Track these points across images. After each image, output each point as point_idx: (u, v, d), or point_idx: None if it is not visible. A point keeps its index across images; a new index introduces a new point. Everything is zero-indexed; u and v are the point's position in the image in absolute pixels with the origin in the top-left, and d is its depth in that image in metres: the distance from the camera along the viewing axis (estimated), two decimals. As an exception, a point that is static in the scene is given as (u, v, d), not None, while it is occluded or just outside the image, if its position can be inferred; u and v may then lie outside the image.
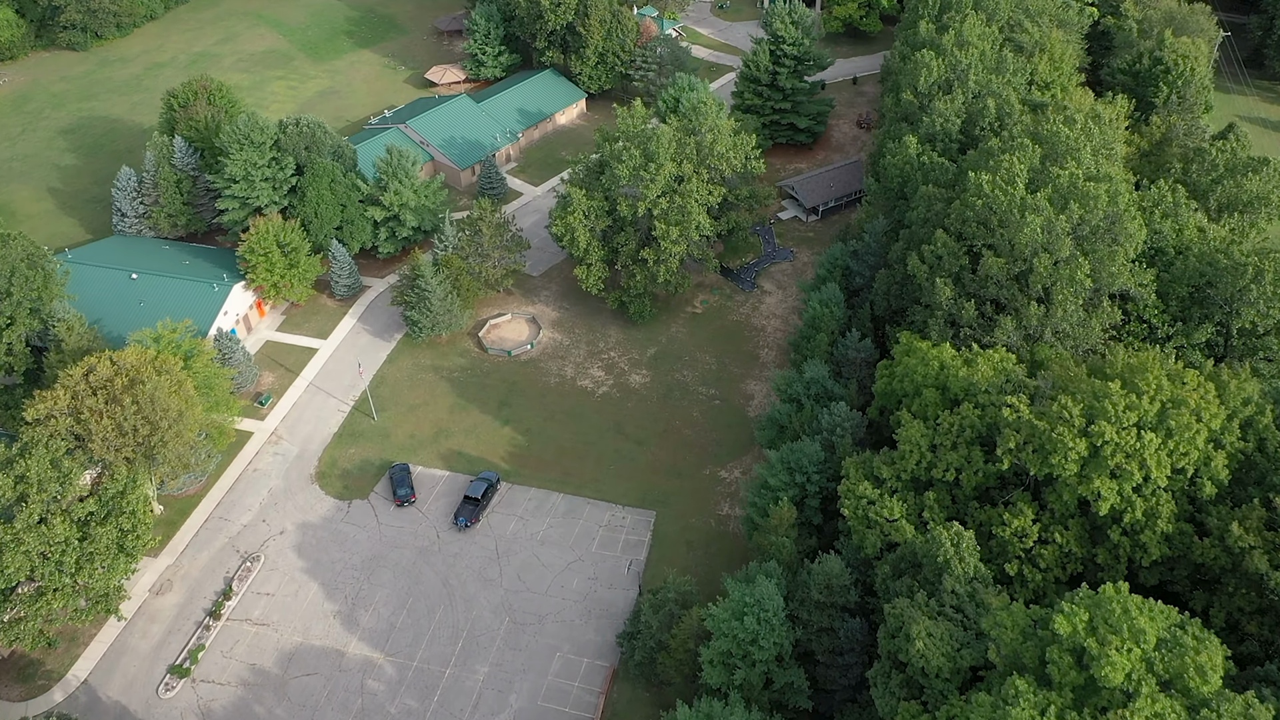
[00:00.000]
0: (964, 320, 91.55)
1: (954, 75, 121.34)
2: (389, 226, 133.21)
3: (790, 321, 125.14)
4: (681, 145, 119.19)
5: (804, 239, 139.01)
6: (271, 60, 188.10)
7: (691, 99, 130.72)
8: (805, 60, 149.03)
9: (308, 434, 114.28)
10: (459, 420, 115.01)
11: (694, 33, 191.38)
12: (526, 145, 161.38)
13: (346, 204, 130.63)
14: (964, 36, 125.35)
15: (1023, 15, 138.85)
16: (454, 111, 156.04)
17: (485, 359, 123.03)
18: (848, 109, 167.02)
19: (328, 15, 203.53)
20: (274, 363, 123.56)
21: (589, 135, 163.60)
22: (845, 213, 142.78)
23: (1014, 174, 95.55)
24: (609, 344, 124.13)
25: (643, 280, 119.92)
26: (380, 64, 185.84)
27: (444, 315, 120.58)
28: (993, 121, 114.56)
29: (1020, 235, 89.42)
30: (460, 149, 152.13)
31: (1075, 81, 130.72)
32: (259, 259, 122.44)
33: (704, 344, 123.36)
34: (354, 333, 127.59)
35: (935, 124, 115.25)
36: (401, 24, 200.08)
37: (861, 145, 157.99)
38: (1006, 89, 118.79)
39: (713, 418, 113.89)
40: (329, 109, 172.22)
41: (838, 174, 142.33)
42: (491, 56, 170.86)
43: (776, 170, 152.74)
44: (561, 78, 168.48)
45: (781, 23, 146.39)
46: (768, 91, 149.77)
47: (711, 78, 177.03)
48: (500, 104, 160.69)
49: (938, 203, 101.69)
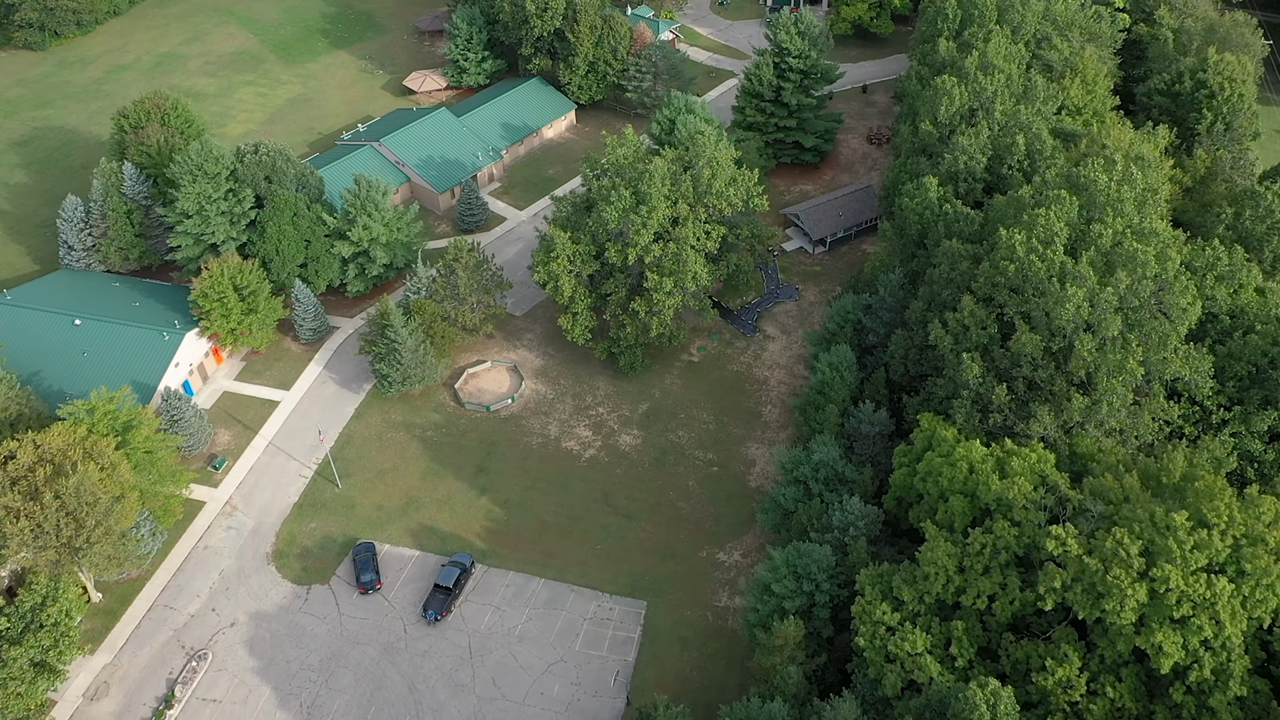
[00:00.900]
0: (994, 405, 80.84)
1: (978, 104, 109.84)
2: (358, 263, 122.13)
3: (795, 373, 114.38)
4: (676, 182, 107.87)
5: (810, 274, 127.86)
6: (241, 63, 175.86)
7: (688, 124, 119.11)
8: (812, 74, 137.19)
9: (265, 504, 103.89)
10: (431, 488, 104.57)
11: (692, 33, 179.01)
12: (511, 162, 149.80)
13: (311, 239, 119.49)
14: (988, 58, 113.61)
15: (1051, 28, 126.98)
16: (432, 127, 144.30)
17: (462, 414, 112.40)
18: (857, 121, 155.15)
19: (302, 12, 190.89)
20: (231, 418, 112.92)
21: (579, 150, 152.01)
22: (855, 243, 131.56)
23: (1051, 233, 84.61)
24: (597, 397, 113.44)
25: (633, 332, 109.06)
26: (356, 67, 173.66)
27: (416, 368, 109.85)
28: (1021, 159, 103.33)
29: (1061, 311, 78.57)
30: (438, 170, 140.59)
31: (1109, 105, 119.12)
32: (213, 305, 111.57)
33: (701, 398, 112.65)
34: (319, 382, 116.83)
35: (958, 161, 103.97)
36: (380, 21, 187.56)
37: (873, 163, 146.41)
38: (1036, 119, 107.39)
39: (710, 488, 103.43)
40: (300, 119, 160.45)
41: (847, 201, 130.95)
42: (474, 63, 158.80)
43: (780, 193, 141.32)
44: (549, 87, 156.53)
45: (786, 34, 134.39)
46: (771, 108, 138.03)
47: (710, 85, 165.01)
48: (482, 118, 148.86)
49: (963, 260, 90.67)
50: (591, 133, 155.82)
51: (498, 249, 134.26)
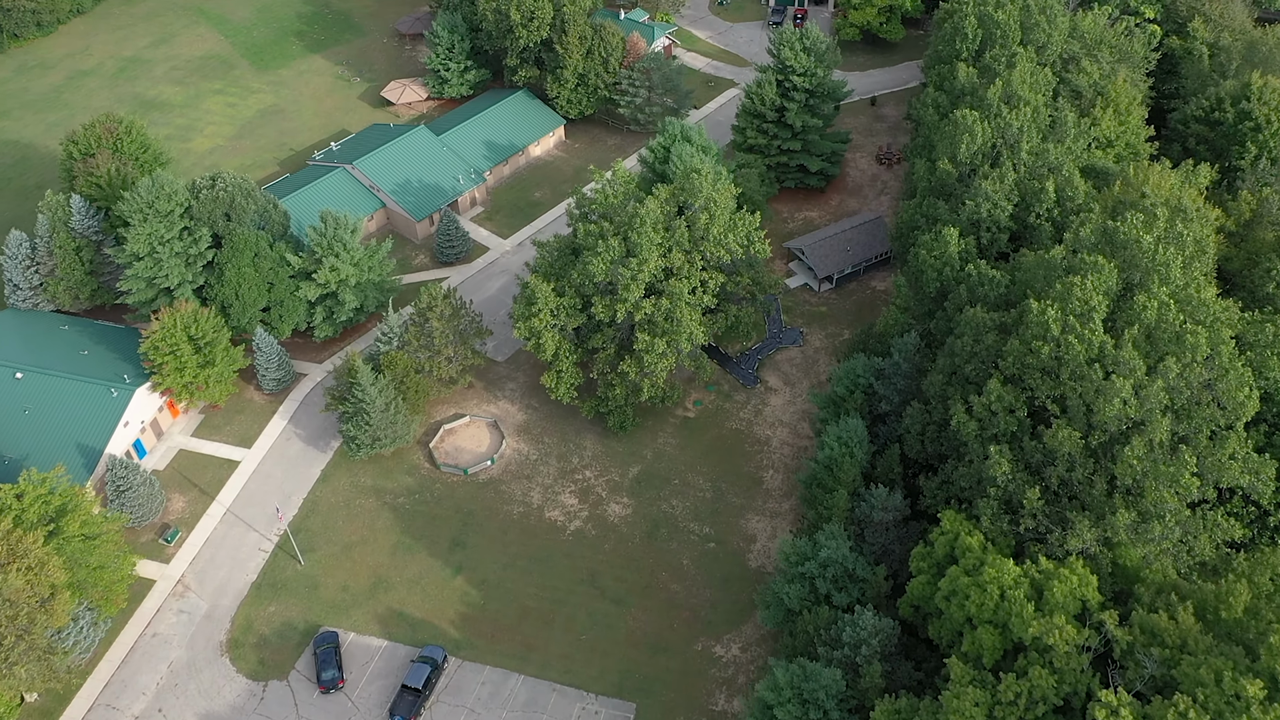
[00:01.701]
0: (1026, 509, 71.75)
1: (1002, 141, 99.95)
2: (326, 306, 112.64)
3: (799, 431, 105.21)
4: (670, 227, 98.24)
5: (815, 315, 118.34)
6: (210, 68, 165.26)
7: (684, 156, 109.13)
8: (819, 93, 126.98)
9: (220, 583, 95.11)
10: (402, 566, 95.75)
11: (689, 37, 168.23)
12: (495, 184, 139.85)
13: (274, 282, 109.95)
14: (1012, 87, 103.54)
15: (1078, 47, 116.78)
16: (409, 148, 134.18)
17: (437, 478, 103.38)
18: (865, 138, 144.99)
19: (276, 11, 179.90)
20: (186, 481, 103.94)
21: (567, 170, 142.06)
22: (864, 280, 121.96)
23: (1088, 307, 75.20)
24: (584, 459, 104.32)
25: (623, 393, 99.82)
26: (332, 74, 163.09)
27: (386, 429, 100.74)
28: (1050, 207, 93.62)
29: (1104, 408, 69.33)
30: (416, 195, 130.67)
31: (1144, 137, 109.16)
32: (165, 358, 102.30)
33: (696, 460, 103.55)
34: (284, 439, 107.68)
35: (980, 209, 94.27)
36: (359, 23, 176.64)
37: (882, 186, 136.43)
38: (1065, 158, 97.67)
39: (706, 567, 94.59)
40: (270, 133, 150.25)
41: (855, 234, 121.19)
42: (456, 73, 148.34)
43: (783, 220, 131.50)
44: (536, 101, 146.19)
45: (790, 50, 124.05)
46: (774, 129, 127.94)
47: (709, 95, 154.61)
48: (464, 136, 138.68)
49: (988, 333, 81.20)
50: (582, 150, 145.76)
51: (479, 284, 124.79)
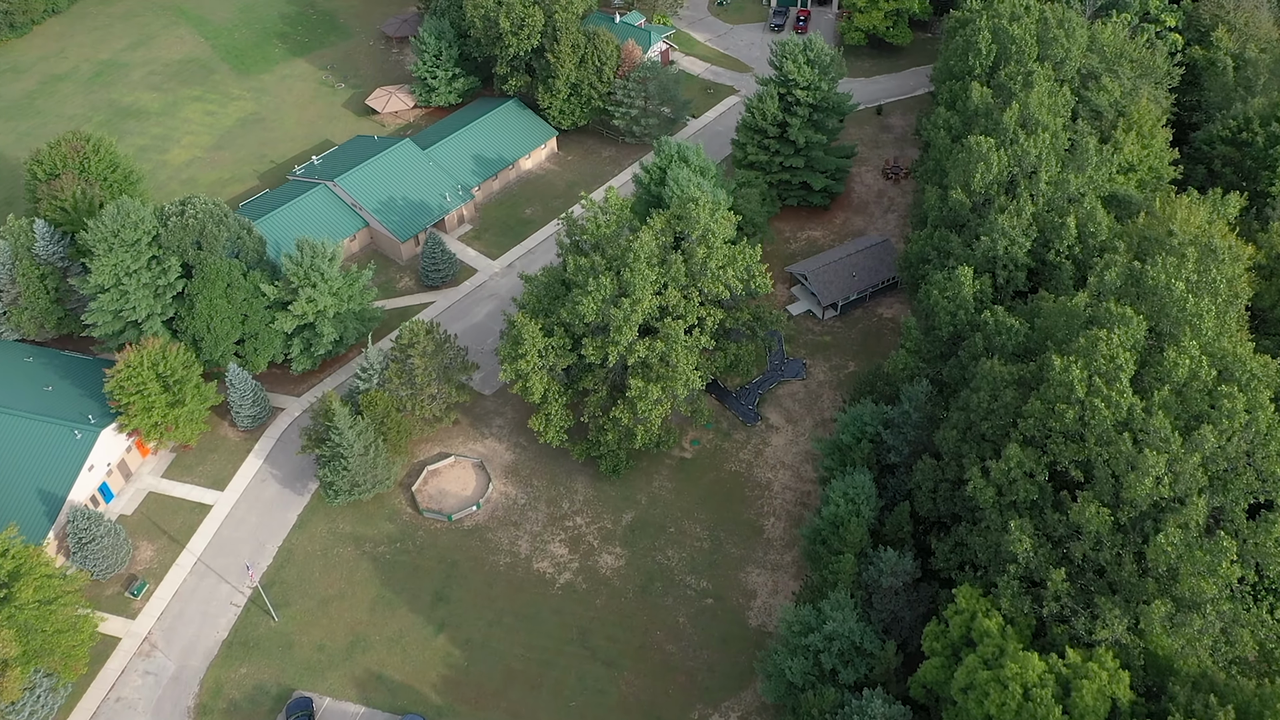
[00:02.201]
0: (1050, 591, 66.31)
1: (1019, 169, 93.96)
2: (304, 338, 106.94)
3: (802, 474, 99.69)
4: (666, 262, 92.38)
5: (819, 345, 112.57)
6: (189, 73, 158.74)
7: (680, 179, 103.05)
8: (823, 108, 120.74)
9: (189, 641, 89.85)
10: (382, 623, 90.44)
11: (688, 40, 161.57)
12: (484, 200, 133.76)
13: (249, 314, 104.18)
14: (1030, 110, 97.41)
15: (1098, 62, 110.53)
16: (393, 164, 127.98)
17: (420, 524, 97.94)
18: (871, 150, 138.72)
19: (259, 12, 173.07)
20: (155, 527, 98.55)
21: (560, 184, 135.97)
22: (871, 306, 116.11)
23: (1114, 366, 69.58)
24: (575, 503, 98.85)
25: (615, 438, 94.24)
26: (316, 79, 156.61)
27: (366, 474, 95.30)
28: (1071, 244, 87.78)
29: (1136, 486, 63.80)
30: (400, 214, 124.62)
31: (1167, 160, 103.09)
32: (132, 398, 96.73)
33: (694, 506, 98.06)
34: (259, 480, 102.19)
35: (997, 245, 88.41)
36: (344, 24, 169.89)
37: (889, 203, 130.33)
38: (1086, 188, 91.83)
39: (704, 626, 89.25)
40: (251, 143, 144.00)
41: (861, 259, 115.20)
42: (444, 82, 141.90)
43: (786, 240, 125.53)
44: (527, 111, 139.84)
45: (794, 63, 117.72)
46: (775, 145, 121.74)
47: (708, 103, 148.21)
48: (451, 150, 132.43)
49: (1007, 389, 75.52)
50: (575, 162, 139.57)
51: (466, 309, 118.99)
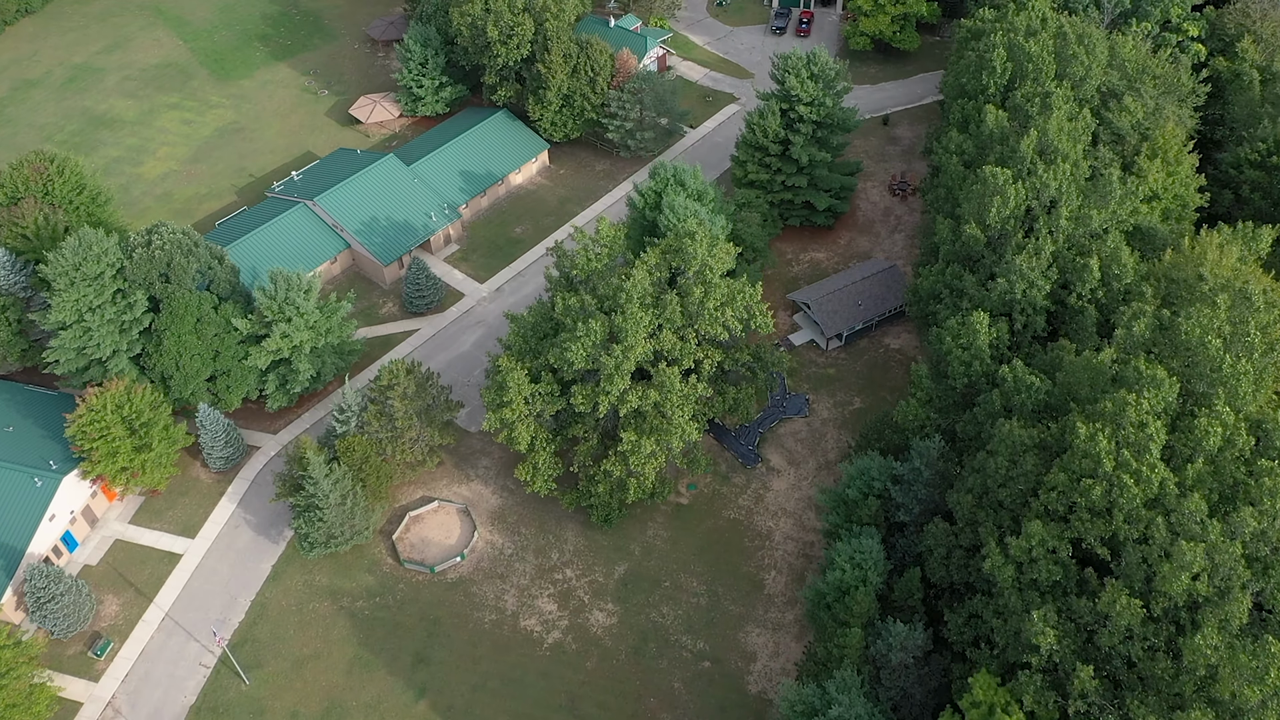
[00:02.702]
0: (1076, 689, 61.03)
1: (1037, 202, 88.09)
2: (279, 373, 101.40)
3: (805, 523, 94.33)
4: (660, 303, 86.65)
5: (823, 378, 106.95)
6: (166, 79, 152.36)
7: (677, 207, 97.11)
8: (828, 125, 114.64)
9: (155, 706, 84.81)
10: (359, 687, 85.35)
11: (686, 43, 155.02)
12: (472, 219, 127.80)
13: (220, 350, 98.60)
14: (1048, 138, 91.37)
15: (1119, 79, 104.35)
16: (376, 180, 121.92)
17: (401, 576, 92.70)
18: (877, 164, 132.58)
19: (240, 12, 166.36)
20: (121, 578, 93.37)
21: (551, 200, 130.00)
22: (877, 336, 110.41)
23: (1144, 436, 64.09)
24: (564, 554, 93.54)
25: (607, 490, 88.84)
26: (298, 86, 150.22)
27: (343, 526, 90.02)
28: (1094, 288, 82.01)
29: (1171, 581, 58.42)
30: (383, 235, 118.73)
31: (1193, 187, 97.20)
32: (95, 444, 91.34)
33: (690, 558, 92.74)
34: (232, 526, 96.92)
35: (1014, 288, 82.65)
36: (329, 25, 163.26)
37: (896, 221, 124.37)
38: (1110, 223, 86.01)
39: (700, 692, 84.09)
40: (229, 155, 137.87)
41: (867, 286, 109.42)
42: (430, 91, 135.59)
43: (788, 262, 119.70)
44: (517, 123, 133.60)
45: (796, 78, 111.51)
46: (777, 163, 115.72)
47: (707, 112, 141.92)
48: (437, 165, 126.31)
49: (1028, 455, 70.00)
50: (567, 177, 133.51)
51: (452, 337, 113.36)
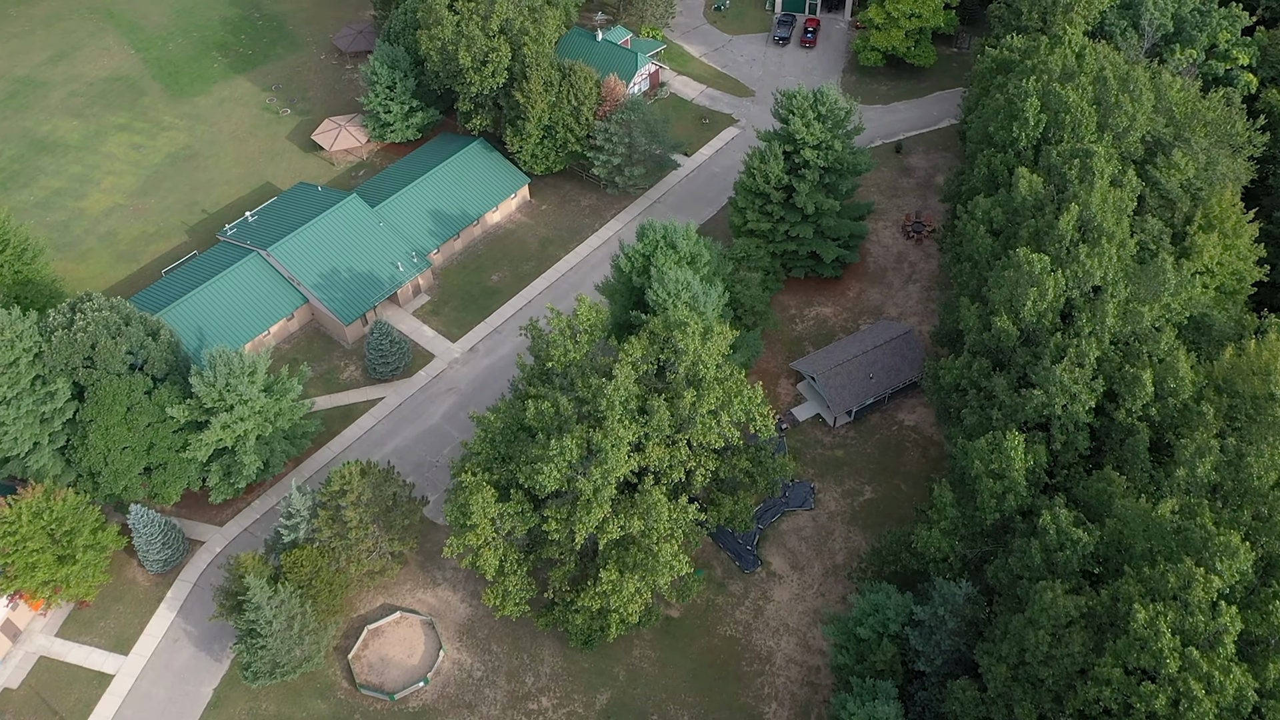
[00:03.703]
0: None
1: (1078, 291, 76.91)
2: (223, 463, 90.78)
3: (810, 643, 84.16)
4: (647, 409, 75.75)
5: (830, 462, 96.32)
6: (115, 95, 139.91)
7: (667, 284, 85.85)
8: (837, 170, 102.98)
9: None
10: (307, 844, 75.85)
11: (681, 54, 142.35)
12: (444, 263, 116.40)
13: (155, 442, 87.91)
14: (1091, 212, 79.92)
15: (1164, 126, 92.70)
16: (336, 226, 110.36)
17: (356, 704, 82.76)
18: (889, 199, 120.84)
19: (197, 16, 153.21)
20: (44, 705, 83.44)
21: (532, 242, 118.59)
22: (890, 411, 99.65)
23: (1216, 628, 53.80)
24: (540, 678, 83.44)
25: (584, 622, 78.54)
26: (259, 104, 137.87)
27: (289, 654, 79.89)
28: (1147, 404, 71.10)
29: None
30: (345, 291, 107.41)
31: (1253, 260, 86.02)
32: (11, 557, 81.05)
33: (680, 685, 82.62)
34: (170, 640, 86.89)
35: (1054, 402, 71.72)
36: (293, 32, 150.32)
37: (910, 270, 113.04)
38: (1162, 321, 74.97)
39: None
40: (181, 188, 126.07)
41: (880, 356, 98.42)
42: (399, 117, 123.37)
43: (791, 319, 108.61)
44: (495, 154, 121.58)
45: (801, 119, 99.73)
46: (780, 211, 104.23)
47: (703, 136, 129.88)
48: (405, 206, 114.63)
49: (1074, 633, 59.58)
50: (550, 214, 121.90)
51: (420, 408, 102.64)
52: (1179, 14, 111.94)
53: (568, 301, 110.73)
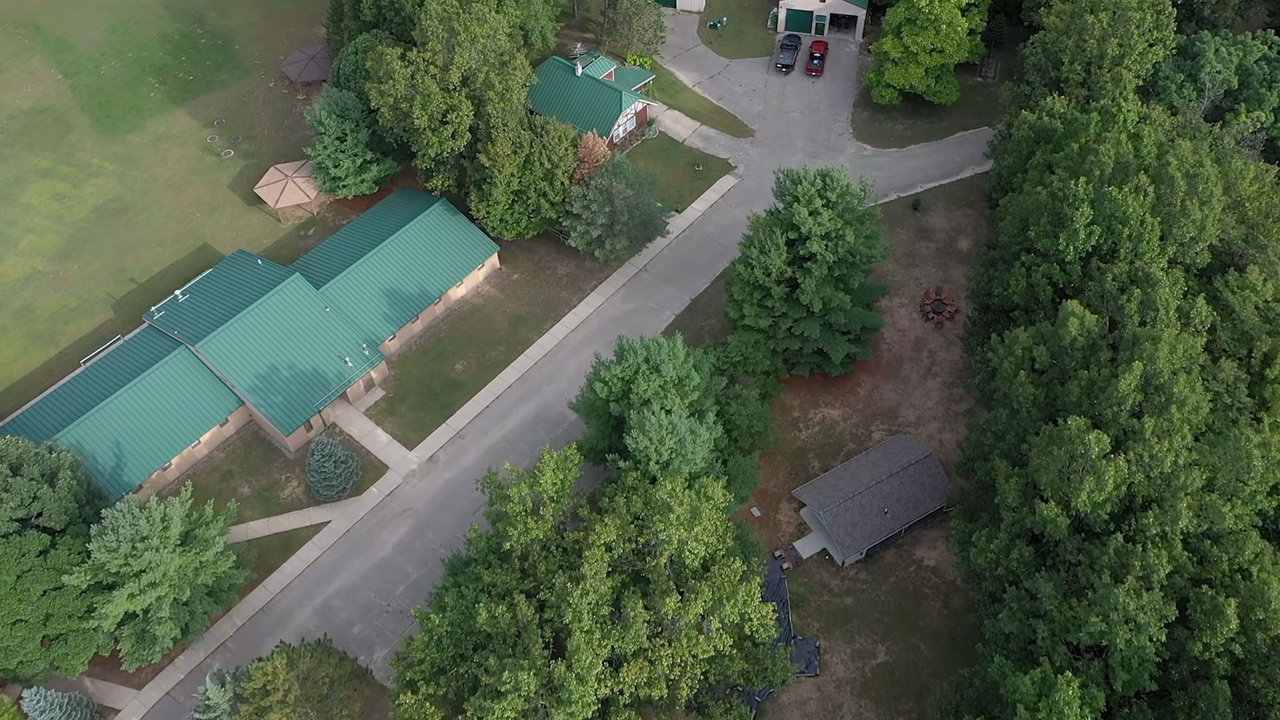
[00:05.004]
0: None
1: (1143, 475, 63.73)
2: (135, 627, 78.43)
3: None
4: (624, 617, 63.13)
5: (838, 612, 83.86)
6: (39, 131, 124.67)
7: (648, 427, 72.76)
8: (849, 261, 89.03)
9: None
10: None
11: (672, 84, 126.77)
12: (401, 349, 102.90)
13: (52, 612, 75.50)
14: (1156, 367, 66.32)
15: (1234, 225, 78.90)
16: (275, 314, 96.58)
17: None
18: (906, 270, 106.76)
19: (134, 32, 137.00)
20: None
21: (502, 321, 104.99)
22: (907, 548, 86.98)
23: None
24: None
25: None
26: (199, 143, 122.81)
27: None
28: (1225, 640, 58.40)
29: None
30: (285, 394, 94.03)
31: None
32: (-121, 767, 69.31)
33: None
34: (77, 840, 75.44)
35: (1115, 634, 59.01)
36: (240, 52, 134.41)
37: (930, 360, 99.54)
38: (1243, 540, 62.06)
39: None
40: (109, 247, 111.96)
41: (895, 487, 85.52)
42: (351, 171, 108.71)
43: (794, 423, 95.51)
44: (460, 217, 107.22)
45: (806, 207, 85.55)
46: (782, 306, 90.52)
47: (695, 187, 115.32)
48: (357, 285, 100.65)
49: None
50: (522, 284, 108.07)
51: (370, 536, 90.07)
52: (1244, 64, 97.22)
53: (540, 398, 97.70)
